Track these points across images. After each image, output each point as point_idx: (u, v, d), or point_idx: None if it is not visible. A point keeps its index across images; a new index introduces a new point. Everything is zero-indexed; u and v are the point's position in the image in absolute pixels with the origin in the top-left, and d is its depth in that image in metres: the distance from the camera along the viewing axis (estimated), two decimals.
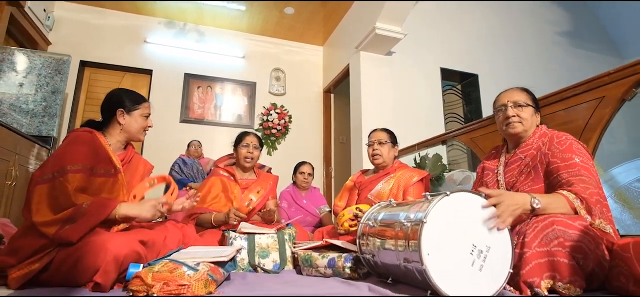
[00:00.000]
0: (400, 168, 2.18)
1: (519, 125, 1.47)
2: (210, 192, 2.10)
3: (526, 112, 1.46)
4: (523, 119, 1.46)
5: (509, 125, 1.49)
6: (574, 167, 1.25)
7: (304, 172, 3.09)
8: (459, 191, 1.07)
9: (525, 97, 1.49)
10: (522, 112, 1.47)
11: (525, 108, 1.47)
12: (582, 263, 1.06)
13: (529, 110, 1.47)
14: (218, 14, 4.78)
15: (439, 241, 1.00)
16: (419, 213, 1.05)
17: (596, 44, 5.62)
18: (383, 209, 1.38)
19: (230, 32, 5.09)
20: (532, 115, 1.47)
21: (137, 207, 1.37)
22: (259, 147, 2.25)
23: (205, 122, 4.80)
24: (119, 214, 1.31)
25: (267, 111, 4.94)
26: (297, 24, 4.92)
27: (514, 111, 1.48)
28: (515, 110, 1.48)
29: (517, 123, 1.47)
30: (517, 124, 1.47)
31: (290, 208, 2.95)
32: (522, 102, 1.47)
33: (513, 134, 1.49)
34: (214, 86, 4.94)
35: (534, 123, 1.47)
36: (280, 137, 4.95)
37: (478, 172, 1.67)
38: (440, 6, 4.74)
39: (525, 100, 1.48)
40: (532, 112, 1.47)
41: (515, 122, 1.47)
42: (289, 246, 1.70)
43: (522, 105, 1.47)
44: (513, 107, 1.49)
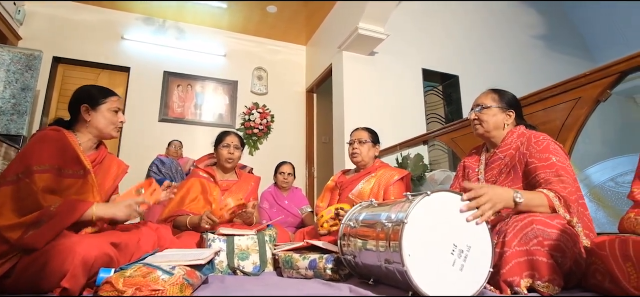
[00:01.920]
0: (381, 167, 2.17)
1: (479, 128, 1.53)
2: (189, 193, 2.05)
3: (487, 114, 1.50)
4: (483, 121, 1.51)
5: (473, 128, 1.57)
6: (552, 167, 1.27)
7: (284, 172, 3.05)
8: (439, 191, 1.06)
9: (490, 99, 1.52)
10: (483, 115, 1.51)
11: (485, 110, 1.51)
12: (561, 262, 1.07)
13: (491, 111, 1.49)
14: (199, 11, 4.69)
15: (420, 242, 0.99)
16: (400, 213, 1.04)
17: (570, 47, 5.80)
18: (364, 209, 1.37)
19: (211, 29, 5.00)
20: (496, 115, 1.49)
21: (112, 207, 1.31)
22: (240, 147, 2.20)
23: (185, 121, 4.69)
24: (96, 215, 1.25)
25: (248, 111, 4.87)
26: (279, 22, 4.88)
27: (475, 114, 1.54)
28: (477, 114, 1.54)
29: (477, 125, 1.54)
30: (478, 126, 1.54)
31: (271, 209, 2.90)
32: (483, 105, 1.51)
33: (478, 136, 1.57)
34: (195, 85, 4.84)
35: (500, 123, 1.49)
36: (262, 137, 4.90)
37: (459, 171, 1.68)
38: (423, 7, 4.79)
39: (489, 102, 1.52)
40: (495, 112, 1.49)
41: (475, 125, 1.55)
42: (270, 248, 1.67)
43: (482, 108, 1.51)
44: (475, 111, 1.54)
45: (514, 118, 1.51)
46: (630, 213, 1.21)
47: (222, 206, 1.73)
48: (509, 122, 1.50)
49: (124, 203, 1.33)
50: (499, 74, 4.94)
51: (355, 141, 2.18)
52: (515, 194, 1.14)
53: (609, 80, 1.66)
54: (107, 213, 1.26)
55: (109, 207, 1.28)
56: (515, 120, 1.51)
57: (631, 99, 3.96)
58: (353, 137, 2.20)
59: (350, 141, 2.21)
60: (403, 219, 0.99)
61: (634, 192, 1.22)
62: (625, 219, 1.22)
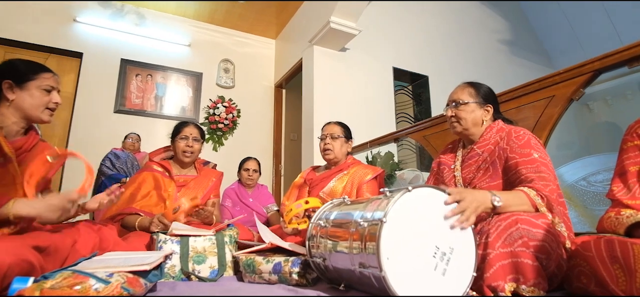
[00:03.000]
0: (354, 165, 2.06)
1: (457, 125, 1.45)
2: (140, 189, 1.83)
3: (465, 111, 1.42)
4: (460, 118, 1.43)
5: (451, 126, 1.48)
6: (533, 163, 1.20)
7: (249, 169, 2.88)
8: (421, 186, 0.95)
9: (467, 95, 1.44)
10: (460, 112, 1.43)
11: (463, 106, 1.43)
12: (545, 264, 1.00)
13: (469, 107, 1.42)
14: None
15: (400, 243, 0.87)
16: (378, 211, 0.92)
17: (532, 53, 6.01)
18: (336, 207, 1.24)
19: (175, 17, 4.71)
20: (474, 111, 1.42)
21: (38, 205, 1.10)
22: (200, 139, 2.02)
23: (144, 113, 4.38)
24: (13, 213, 1.04)
25: (213, 104, 4.63)
26: (248, 14, 4.68)
27: (452, 111, 1.46)
28: (454, 110, 1.45)
29: (455, 123, 1.46)
30: (455, 124, 1.46)
31: (234, 207, 2.72)
32: (461, 101, 1.43)
33: (455, 134, 1.49)
34: (155, 75, 4.53)
35: (479, 119, 1.42)
36: (228, 133, 4.67)
37: (433, 168, 1.60)
38: (395, 6, 4.75)
39: (466, 98, 1.44)
40: (473, 108, 1.42)
41: (453, 123, 1.46)
42: (230, 249, 1.50)
43: (460, 104, 1.43)
44: (452, 107, 1.46)
45: (492, 113, 1.44)
46: (610, 212, 1.17)
47: (174, 206, 1.54)
48: (488, 118, 1.43)
49: (54, 200, 1.12)
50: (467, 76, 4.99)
51: (328, 136, 2.05)
52: (493, 197, 1.06)
53: (582, 79, 1.64)
54: (29, 211, 1.05)
55: (33, 204, 1.07)
56: (493, 114, 1.45)
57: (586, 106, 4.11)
58: (325, 132, 2.08)
59: (322, 136, 2.08)
60: (381, 217, 0.87)
61: (613, 191, 1.18)
62: (605, 219, 1.18)
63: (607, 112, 3.66)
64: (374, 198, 1.08)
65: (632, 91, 3.63)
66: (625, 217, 1.10)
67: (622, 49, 1.51)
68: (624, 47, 1.51)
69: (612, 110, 3.65)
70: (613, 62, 1.54)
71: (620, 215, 1.12)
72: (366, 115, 4.05)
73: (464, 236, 0.97)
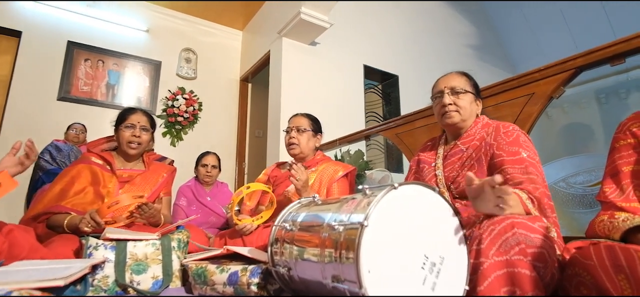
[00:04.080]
0: (324, 161, 1.90)
1: (456, 115, 1.29)
2: (74, 184, 1.56)
3: (464, 100, 1.29)
4: (460, 107, 1.28)
5: (445, 115, 1.32)
6: (522, 163, 1.09)
7: (207, 165, 2.62)
8: (408, 183, 0.80)
9: (464, 83, 1.31)
10: (460, 100, 1.29)
11: (463, 95, 1.29)
12: (542, 273, 0.87)
13: (468, 97, 1.29)
14: None
15: (384, 253, 0.71)
16: (357, 213, 0.75)
17: (497, 59, 6.15)
18: (304, 207, 1.06)
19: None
20: (472, 103, 1.30)
21: None
22: (150, 128, 1.77)
23: (93, 102, 3.97)
24: None
25: (173, 96, 4.30)
26: (214, 2, 4.39)
27: (451, 99, 1.30)
28: (452, 97, 1.30)
29: (454, 112, 1.29)
30: (454, 113, 1.29)
31: (190, 206, 2.46)
32: (460, 89, 1.29)
33: (450, 125, 1.32)
34: (108, 61, 4.13)
35: (473, 112, 1.30)
36: (187, 127, 4.35)
37: (412, 166, 1.46)
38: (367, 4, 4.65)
39: (464, 86, 1.30)
40: (471, 99, 1.30)
41: (451, 112, 1.30)
42: (178, 256, 1.28)
43: (460, 92, 1.29)
44: (450, 95, 1.31)
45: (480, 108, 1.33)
46: (602, 216, 1.08)
47: (111, 203, 1.30)
48: (479, 112, 1.31)
49: None
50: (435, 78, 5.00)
51: (293, 129, 1.87)
52: None
53: (563, 77, 1.57)
54: None
55: None
56: None
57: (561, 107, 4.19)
58: (291, 124, 1.90)
59: (288, 129, 1.90)
60: (361, 220, 0.70)
61: (605, 193, 1.09)
62: (597, 222, 1.08)
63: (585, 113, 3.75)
64: (349, 197, 0.91)
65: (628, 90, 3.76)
66: (620, 221, 1.01)
67: (605, 46, 1.45)
68: (607, 44, 1.45)
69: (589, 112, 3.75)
70: (596, 59, 1.48)
71: (615, 218, 1.03)
72: (335, 112, 3.90)
73: (455, 242, 0.83)
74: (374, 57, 4.55)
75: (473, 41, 5.87)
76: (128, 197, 1.36)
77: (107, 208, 1.31)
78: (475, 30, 5.96)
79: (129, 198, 1.36)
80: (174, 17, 4.55)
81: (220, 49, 4.83)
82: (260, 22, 4.49)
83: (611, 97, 4.11)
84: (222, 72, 4.77)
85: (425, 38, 5.17)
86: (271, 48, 3.99)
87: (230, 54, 4.89)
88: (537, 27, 5.89)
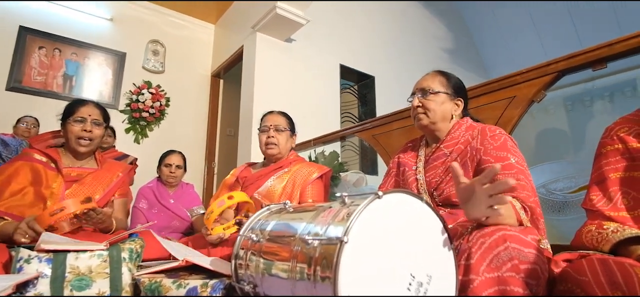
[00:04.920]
0: (297, 162, 1.78)
1: (423, 117, 1.24)
2: (10, 183, 1.36)
3: (434, 102, 1.22)
4: (428, 109, 1.23)
5: (415, 118, 1.27)
6: (511, 169, 1.02)
7: (171, 164, 2.43)
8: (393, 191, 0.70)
9: (437, 83, 1.24)
10: (428, 102, 1.22)
11: (433, 96, 1.23)
12: (535, 291, 0.80)
13: (439, 98, 1.22)
14: None
15: (366, 272, 0.61)
16: (335, 226, 0.64)
17: (470, 64, 6.24)
18: (274, 214, 0.94)
19: None
20: (444, 102, 1.22)
21: None
22: (103, 122, 1.58)
23: (47, 93, 3.66)
24: None
25: (137, 90, 4.04)
26: None
27: (419, 101, 1.25)
28: (421, 99, 1.24)
29: (422, 115, 1.24)
30: (422, 115, 1.24)
31: (151, 210, 2.26)
32: (429, 89, 1.23)
33: (420, 128, 1.27)
34: (65, 50, 3.83)
35: (448, 113, 1.23)
36: (153, 123, 4.10)
37: (391, 169, 1.37)
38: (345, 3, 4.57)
39: (436, 86, 1.23)
40: (444, 99, 1.22)
41: (419, 114, 1.24)
42: (129, 268, 1.12)
43: (428, 93, 1.22)
44: (419, 97, 1.25)
45: (462, 108, 1.25)
46: (590, 225, 1.02)
47: (54, 211, 1.12)
48: (457, 113, 1.24)
49: None
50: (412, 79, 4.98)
51: (271, 127, 1.73)
52: None
53: (545, 80, 1.54)
54: None
55: None
56: (462, 111, 1.26)
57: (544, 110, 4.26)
58: (267, 122, 1.75)
59: (263, 127, 1.76)
60: (340, 236, 0.59)
61: (592, 201, 1.04)
62: (584, 233, 1.02)
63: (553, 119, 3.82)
64: (325, 206, 0.80)
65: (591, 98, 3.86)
66: (610, 232, 0.95)
67: (588, 50, 1.42)
68: (590, 48, 1.42)
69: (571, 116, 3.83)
70: (578, 63, 1.45)
71: (603, 229, 0.97)
72: (310, 112, 3.79)
73: (443, 258, 0.74)
74: (351, 57, 4.47)
75: (448, 45, 5.93)
76: (74, 203, 1.19)
77: (49, 216, 1.13)
78: (450, 33, 6.03)
79: (75, 204, 1.18)
80: (141, 6, 4.29)
81: (191, 43, 4.60)
82: (233, 16, 4.31)
83: (577, 104, 4.25)
84: (192, 67, 4.54)
85: (401, 39, 5.16)
86: (245, 43, 3.83)
87: (201, 48, 4.67)
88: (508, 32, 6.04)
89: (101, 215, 1.29)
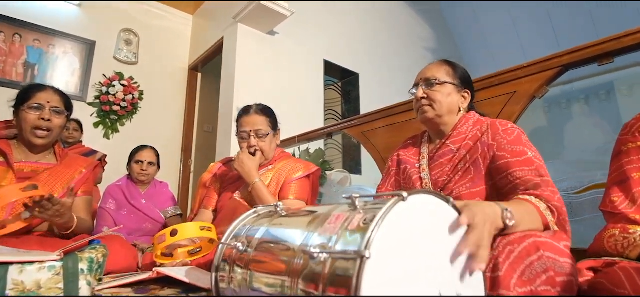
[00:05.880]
0: (282, 158, 1.63)
1: (429, 110, 1.11)
2: None
3: (440, 93, 1.10)
4: (434, 100, 1.10)
5: (419, 111, 1.14)
6: (530, 164, 0.91)
7: (143, 161, 2.21)
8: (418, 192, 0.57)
9: (443, 73, 1.13)
10: (434, 93, 1.10)
11: (438, 87, 1.11)
12: None
13: (446, 89, 1.11)
14: None
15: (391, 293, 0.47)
16: (350, 235, 0.51)
17: None
18: (264, 219, 0.80)
19: None
20: (450, 95, 1.11)
21: None
22: (64, 111, 1.39)
23: (5, 83, 3.35)
24: None
25: (108, 81, 3.77)
26: None
27: (424, 92, 1.12)
28: (425, 90, 1.12)
29: (427, 107, 1.11)
30: (427, 108, 1.11)
31: (120, 211, 2.05)
32: (435, 79, 1.11)
33: (424, 122, 1.15)
34: (27, 36, 3.52)
35: (455, 106, 1.11)
36: (125, 117, 3.84)
37: (391, 167, 1.24)
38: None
39: (441, 76, 1.12)
40: (450, 91, 1.11)
41: (424, 106, 1.12)
42: (89, 282, 0.95)
43: (434, 83, 1.11)
44: (424, 87, 1.13)
45: (469, 101, 1.14)
46: (612, 229, 0.93)
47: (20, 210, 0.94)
48: (464, 106, 1.13)
49: None
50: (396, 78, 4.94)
51: (251, 135, 1.50)
52: (504, 213, 0.72)
53: (548, 75, 1.46)
54: None
55: None
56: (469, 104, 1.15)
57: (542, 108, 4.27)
58: (246, 128, 1.51)
59: (243, 134, 1.52)
60: (360, 248, 0.46)
61: (614, 202, 0.95)
62: (606, 238, 0.93)
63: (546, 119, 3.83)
64: (327, 209, 0.66)
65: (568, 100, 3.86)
66: (638, 236, 0.87)
67: (593, 44, 1.35)
68: (596, 42, 1.35)
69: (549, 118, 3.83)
70: (583, 58, 1.38)
71: (630, 234, 0.89)
72: (293, 108, 3.63)
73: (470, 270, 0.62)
74: (335, 53, 4.35)
75: (431, 44, 5.91)
76: (14, 191, 1.00)
77: None
78: (433, 34, 6.01)
79: (15, 191, 1.00)
80: None
81: (167, 33, 4.35)
82: (213, 6, 4.10)
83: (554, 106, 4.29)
84: (168, 59, 4.30)
85: (386, 38, 5.09)
86: (225, 35, 3.64)
87: (178, 40, 4.43)
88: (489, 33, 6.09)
89: (58, 206, 1.10)
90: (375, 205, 0.55)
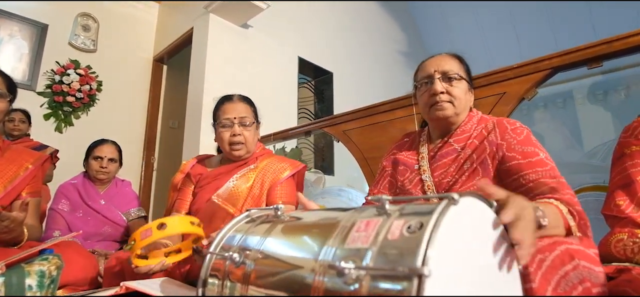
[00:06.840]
0: (265, 156, 1.51)
1: (449, 107, 1.00)
2: None
3: (459, 89, 1.01)
4: (454, 97, 1.00)
5: (435, 106, 1.01)
6: (544, 165, 0.86)
7: (103, 157, 1.97)
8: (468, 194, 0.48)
9: (458, 67, 1.05)
10: (454, 88, 1.01)
11: (457, 82, 1.01)
12: None
13: (463, 85, 1.03)
14: None
15: None
16: (394, 247, 0.41)
17: None
18: (261, 226, 0.68)
19: None
20: (466, 92, 1.04)
21: None
22: (7, 94, 1.19)
23: None
24: None
25: (62, 69, 3.43)
26: None
27: (444, 86, 1.01)
28: (445, 85, 1.01)
29: (447, 103, 1.00)
30: (447, 104, 1.00)
31: (74, 213, 1.81)
32: (454, 74, 1.02)
33: (441, 119, 1.02)
34: None
35: (467, 104, 1.05)
36: (80, 110, 3.51)
37: (385, 168, 1.16)
38: None
39: (459, 71, 1.04)
40: (466, 87, 1.04)
41: (444, 103, 1.00)
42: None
43: (454, 79, 1.01)
44: (442, 80, 1.02)
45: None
46: (619, 234, 0.90)
47: None
48: (472, 104, 1.07)
49: None
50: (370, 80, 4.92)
51: (236, 122, 1.38)
52: (538, 212, 0.66)
53: (538, 77, 1.45)
54: None
55: None
56: None
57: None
58: (229, 115, 1.39)
59: (225, 122, 1.39)
60: (417, 266, 0.36)
61: (619, 206, 0.93)
62: (613, 242, 0.91)
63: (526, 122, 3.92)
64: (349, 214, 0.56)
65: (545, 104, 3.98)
66: None
67: (584, 47, 1.35)
68: (586, 45, 1.35)
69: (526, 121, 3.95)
70: (574, 60, 1.37)
71: (639, 238, 0.86)
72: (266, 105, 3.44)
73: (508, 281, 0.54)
74: (310, 51, 4.25)
75: (403, 48, 5.98)
76: None
77: None
78: (404, 36, 6.08)
79: None
80: None
81: (130, 20, 4.05)
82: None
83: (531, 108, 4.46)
84: (130, 48, 4.00)
85: (361, 38, 5.06)
86: (195, 25, 3.43)
87: (142, 28, 4.14)
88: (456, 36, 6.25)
89: (7, 222, 0.91)
90: (415, 210, 0.45)
